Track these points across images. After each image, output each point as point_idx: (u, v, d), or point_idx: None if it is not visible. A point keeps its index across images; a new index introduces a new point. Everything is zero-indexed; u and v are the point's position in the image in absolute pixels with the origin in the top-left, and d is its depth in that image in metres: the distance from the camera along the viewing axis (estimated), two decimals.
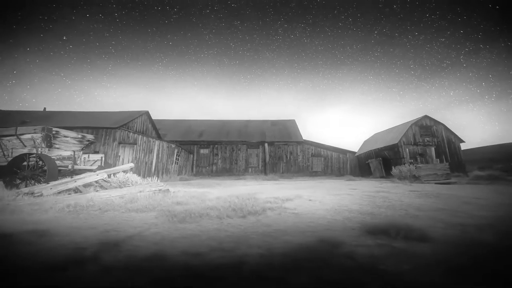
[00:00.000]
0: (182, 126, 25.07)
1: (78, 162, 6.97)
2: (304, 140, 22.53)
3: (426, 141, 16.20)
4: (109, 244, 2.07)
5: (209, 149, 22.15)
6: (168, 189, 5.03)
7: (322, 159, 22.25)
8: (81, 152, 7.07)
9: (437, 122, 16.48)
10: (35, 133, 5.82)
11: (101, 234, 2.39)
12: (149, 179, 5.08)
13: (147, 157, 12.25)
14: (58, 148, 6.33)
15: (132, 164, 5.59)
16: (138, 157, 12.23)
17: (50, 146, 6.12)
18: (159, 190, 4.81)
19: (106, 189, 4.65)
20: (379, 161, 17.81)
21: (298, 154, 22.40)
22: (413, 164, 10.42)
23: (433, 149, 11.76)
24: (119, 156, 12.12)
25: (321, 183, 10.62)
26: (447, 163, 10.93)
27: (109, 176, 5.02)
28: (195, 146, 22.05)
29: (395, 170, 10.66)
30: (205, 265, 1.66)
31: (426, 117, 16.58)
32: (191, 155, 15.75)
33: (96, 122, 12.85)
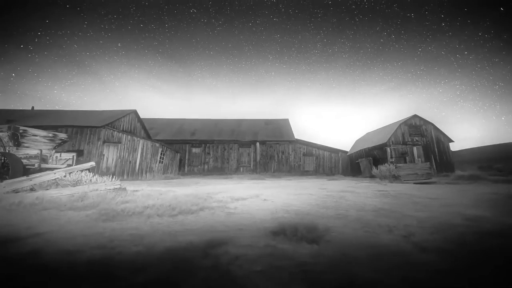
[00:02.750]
0: (175, 125, 25.17)
1: (50, 161, 7.05)
2: (296, 139, 22.50)
3: (415, 140, 16.09)
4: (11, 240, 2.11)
5: (201, 148, 22.23)
6: (125, 188, 5.07)
7: (314, 158, 22.21)
8: (53, 151, 7.15)
9: (426, 122, 16.35)
10: (1, 131, 5.92)
11: (14, 232, 2.43)
12: (107, 178, 5.13)
13: (131, 156, 12.33)
14: (27, 147, 6.41)
15: (92, 163, 5.64)
16: (122, 156, 12.31)
17: (18, 145, 6.20)
18: (114, 188, 4.85)
19: (62, 187, 4.71)
20: (369, 161, 17.73)
21: (290, 153, 22.38)
22: (393, 164, 10.35)
23: (415, 148, 11.67)
24: (104, 155, 12.22)
25: (300, 182, 10.62)
26: (428, 163, 10.84)
27: (69, 174, 5.08)
28: (187, 145, 22.14)
29: (376, 170, 10.61)
30: (76, 260, 1.69)
31: (415, 116, 16.45)
32: (178, 154, 15.81)
33: (82, 121, 12.96)
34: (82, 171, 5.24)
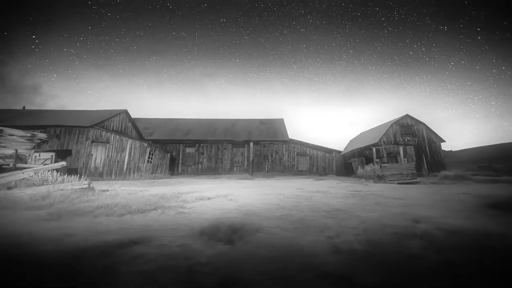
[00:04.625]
0: (170, 124, 25.23)
1: (29, 160, 7.10)
2: (290, 139, 22.44)
3: (406, 140, 16.01)
4: None
5: (195, 148, 22.26)
6: (93, 188, 5.10)
7: (308, 158, 22.16)
8: (32, 151, 7.21)
9: (418, 122, 16.25)
10: None
11: None
12: (75, 177, 5.16)
13: (119, 155, 12.39)
14: (3, 147, 6.47)
15: (64, 163, 5.69)
16: (110, 155, 12.38)
17: None
18: (81, 188, 4.88)
19: (29, 187, 4.75)
20: (361, 160, 17.66)
21: (284, 153, 22.35)
22: (378, 164, 10.31)
23: (401, 148, 11.61)
24: (92, 155, 12.30)
25: (286, 182, 10.61)
26: (413, 163, 10.78)
27: (36, 174, 5.12)
28: (181, 145, 22.18)
29: (361, 170, 10.57)
30: None
31: (407, 116, 16.36)
32: (168, 154, 15.86)
33: (71, 120, 13.04)
34: (51, 170, 5.28)
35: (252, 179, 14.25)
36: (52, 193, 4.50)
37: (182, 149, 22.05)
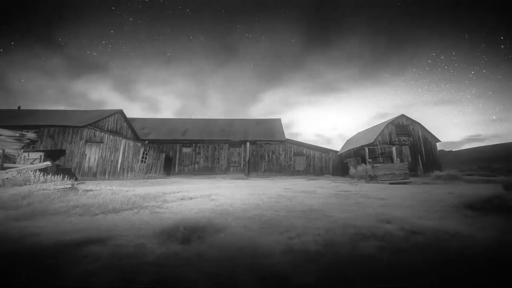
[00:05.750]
0: (167, 125, 25.28)
1: (18, 160, 7.13)
2: (286, 139, 22.43)
3: (402, 140, 15.96)
4: None
5: (191, 148, 22.28)
6: (76, 187, 5.10)
7: (304, 158, 22.13)
8: (21, 151, 7.24)
9: (413, 121, 16.19)
10: None
11: None
12: (58, 177, 5.18)
13: (113, 155, 12.42)
14: None
15: (48, 163, 5.70)
16: (104, 155, 12.40)
17: None
18: (64, 188, 4.89)
19: (11, 186, 4.77)
20: (357, 160, 17.61)
21: (280, 153, 22.33)
22: (370, 164, 10.27)
23: (394, 148, 11.57)
24: (86, 155, 12.32)
25: (277, 182, 10.60)
26: (406, 163, 10.74)
27: (19, 174, 5.14)
28: (178, 144, 22.21)
29: (353, 170, 10.55)
30: None
31: (402, 116, 16.30)
32: (163, 154, 15.88)
33: (65, 120, 13.08)
34: (35, 171, 5.30)
35: (246, 179, 14.25)
36: (33, 192, 4.51)
37: (179, 149, 22.07)
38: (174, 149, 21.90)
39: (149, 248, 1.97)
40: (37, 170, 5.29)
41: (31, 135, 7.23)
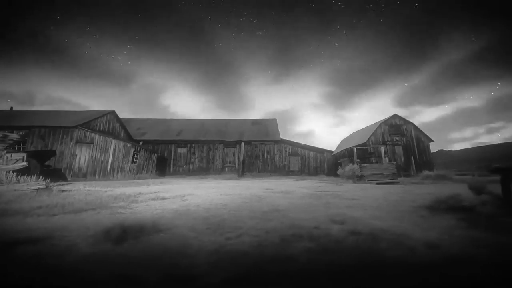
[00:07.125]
0: (162, 125, 25.36)
1: (0, 161, 7.17)
2: (281, 139, 22.42)
3: (395, 140, 15.90)
4: None
5: (186, 148, 22.32)
6: (50, 188, 5.12)
7: (299, 158, 22.10)
8: (4, 151, 7.29)
9: (406, 121, 16.13)
10: None
11: None
12: (33, 178, 5.22)
13: (103, 156, 12.47)
14: None
15: (25, 163, 5.74)
16: (94, 156, 12.46)
17: None
18: (38, 189, 4.91)
19: None
20: (350, 160, 17.56)
21: (275, 153, 22.32)
22: (358, 164, 10.24)
23: (382, 148, 11.53)
24: (76, 156, 12.39)
25: (266, 182, 10.59)
26: (394, 163, 10.68)
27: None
28: (173, 145, 22.26)
29: (340, 170, 10.51)
30: None
31: (395, 116, 16.24)
32: (155, 155, 15.92)
33: (56, 121, 13.16)
34: (10, 171, 5.34)
35: (237, 179, 14.25)
36: (4, 193, 4.53)
37: (174, 149, 22.13)
38: (169, 150, 21.98)
39: (78, 248, 1.98)
40: (12, 171, 5.33)
41: (14, 136, 7.28)
